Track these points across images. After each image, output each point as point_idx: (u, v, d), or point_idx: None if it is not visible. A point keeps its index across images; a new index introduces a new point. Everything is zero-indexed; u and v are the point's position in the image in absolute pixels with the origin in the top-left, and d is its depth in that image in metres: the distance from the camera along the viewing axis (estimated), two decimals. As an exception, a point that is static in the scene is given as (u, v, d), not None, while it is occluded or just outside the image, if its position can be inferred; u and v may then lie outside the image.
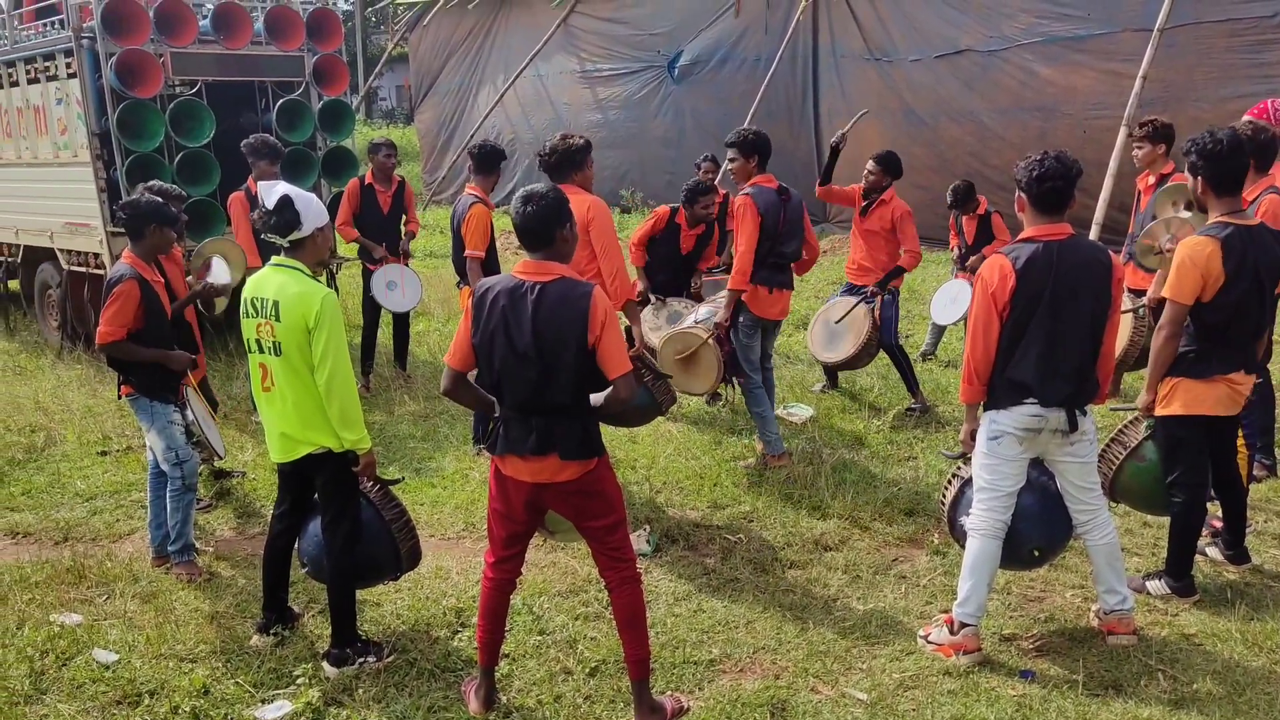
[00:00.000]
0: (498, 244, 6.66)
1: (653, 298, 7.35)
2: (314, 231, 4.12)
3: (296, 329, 4.03)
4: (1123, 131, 10.56)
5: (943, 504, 4.63)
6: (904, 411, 7.33)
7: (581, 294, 3.64)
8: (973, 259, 8.16)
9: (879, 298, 7.17)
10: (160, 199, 5.40)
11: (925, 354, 8.74)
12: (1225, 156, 4.33)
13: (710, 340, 6.16)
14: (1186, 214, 5.56)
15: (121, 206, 5.33)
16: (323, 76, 9.43)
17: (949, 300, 8.00)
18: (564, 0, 17.65)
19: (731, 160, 6.30)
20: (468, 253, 6.27)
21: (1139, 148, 6.37)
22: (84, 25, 8.44)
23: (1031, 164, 4.01)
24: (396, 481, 4.65)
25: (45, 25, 9.27)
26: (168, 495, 5.26)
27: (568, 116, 17.78)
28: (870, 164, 7.33)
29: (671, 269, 7.48)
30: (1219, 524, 5.01)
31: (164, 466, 5.27)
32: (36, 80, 9.18)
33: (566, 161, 5.49)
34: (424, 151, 21.47)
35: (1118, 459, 4.74)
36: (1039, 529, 4.28)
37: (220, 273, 6.32)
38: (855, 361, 7.23)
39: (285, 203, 4.02)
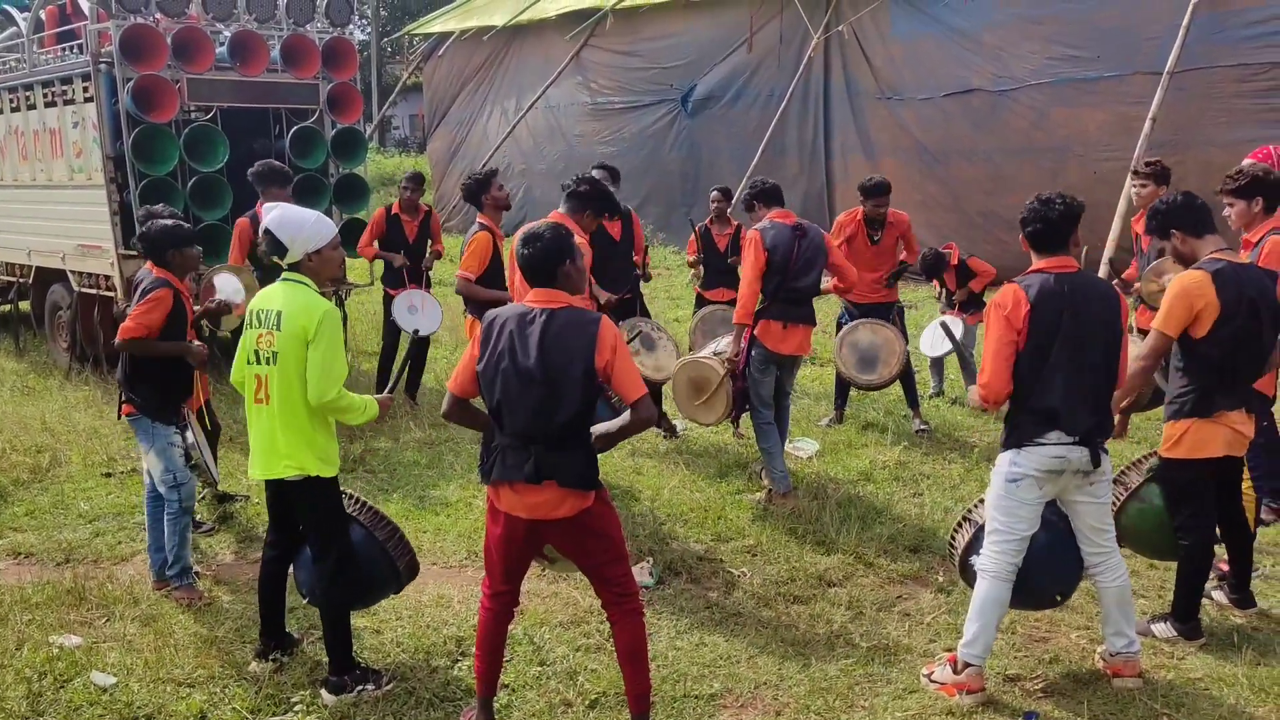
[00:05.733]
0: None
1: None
2: (304, 256, 4.16)
3: (296, 339, 4.07)
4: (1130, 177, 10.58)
5: (953, 548, 4.59)
6: (914, 433, 7.51)
7: (590, 320, 3.69)
8: (960, 293, 8.27)
9: (901, 314, 7.49)
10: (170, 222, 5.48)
11: (934, 394, 8.72)
12: (1181, 205, 4.46)
13: (723, 373, 6.19)
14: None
15: (139, 239, 5.47)
16: (337, 104, 9.51)
17: (938, 335, 8.03)
18: (578, 33, 17.81)
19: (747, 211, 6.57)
20: (457, 273, 6.37)
21: (1143, 186, 6.40)
22: (102, 50, 8.54)
23: (1025, 209, 4.13)
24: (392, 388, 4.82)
25: (64, 50, 9.38)
26: (165, 518, 5.25)
27: (580, 148, 17.89)
28: (875, 200, 7.56)
29: None
30: (1225, 566, 4.97)
31: (161, 489, 5.27)
32: (53, 104, 9.27)
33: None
34: (435, 180, 21.61)
35: (1118, 500, 4.71)
36: (1057, 573, 4.28)
37: (228, 289, 6.41)
38: (894, 381, 7.37)
39: (265, 231, 4.16)
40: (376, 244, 8.55)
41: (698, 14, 16.35)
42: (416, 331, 7.44)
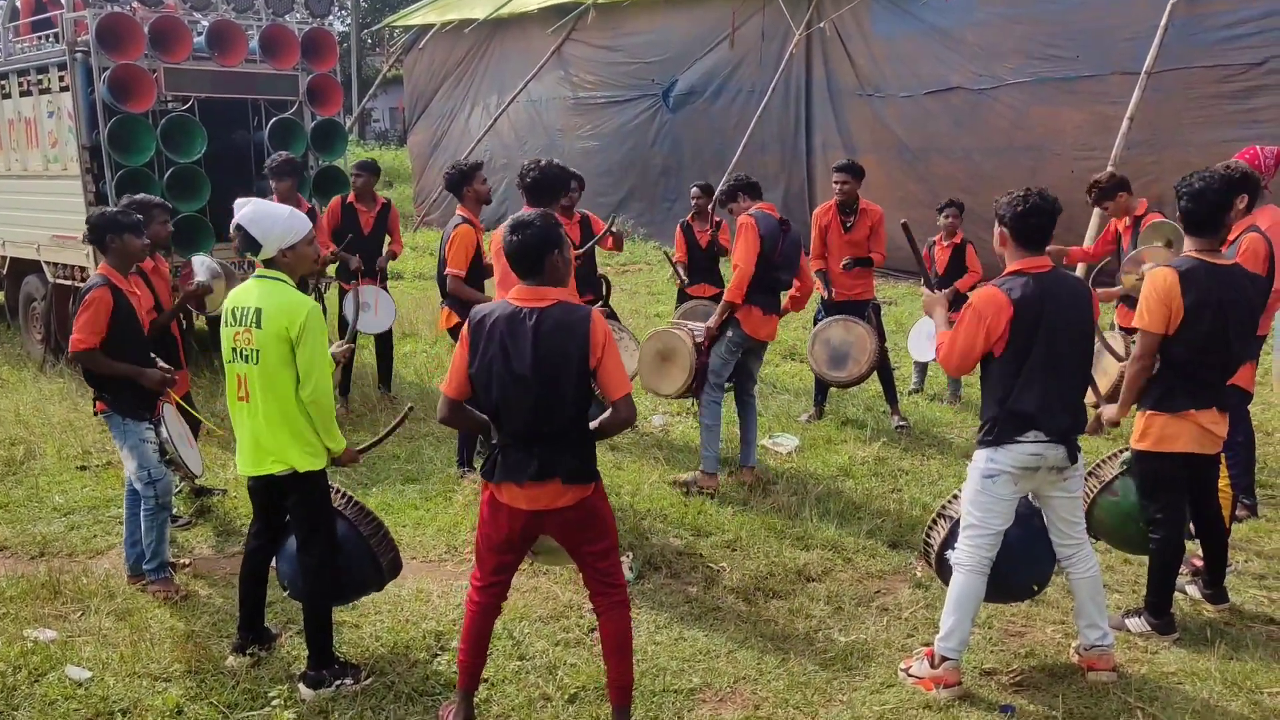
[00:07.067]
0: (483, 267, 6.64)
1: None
2: (278, 252, 4.13)
3: (277, 338, 4.03)
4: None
5: (929, 545, 4.61)
6: (894, 429, 7.59)
7: (580, 317, 3.67)
8: (947, 291, 8.19)
9: (878, 311, 7.54)
10: (134, 209, 5.45)
11: (913, 390, 8.75)
12: (1190, 197, 4.44)
13: (690, 346, 6.33)
14: (1167, 250, 5.63)
15: (86, 222, 5.39)
16: (316, 96, 9.46)
17: (925, 336, 8.05)
18: (559, 27, 17.77)
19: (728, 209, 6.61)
20: (447, 271, 6.30)
21: (1104, 209, 6.64)
22: (78, 39, 8.45)
23: (1016, 200, 4.11)
24: (409, 411, 4.86)
25: (39, 38, 9.28)
26: (141, 514, 5.20)
27: (562, 143, 17.86)
28: (838, 175, 7.56)
29: None
30: (1199, 562, 5.02)
31: (136, 485, 5.22)
32: (29, 93, 9.17)
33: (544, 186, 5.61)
34: (415, 174, 21.52)
35: (1091, 492, 4.77)
36: (1035, 566, 4.34)
37: (200, 271, 6.38)
38: (863, 379, 7.38)
39: (237, 227, 4.10)
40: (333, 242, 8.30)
41: (679, 9, 16.34)
42: (357, 331, 7.25)
